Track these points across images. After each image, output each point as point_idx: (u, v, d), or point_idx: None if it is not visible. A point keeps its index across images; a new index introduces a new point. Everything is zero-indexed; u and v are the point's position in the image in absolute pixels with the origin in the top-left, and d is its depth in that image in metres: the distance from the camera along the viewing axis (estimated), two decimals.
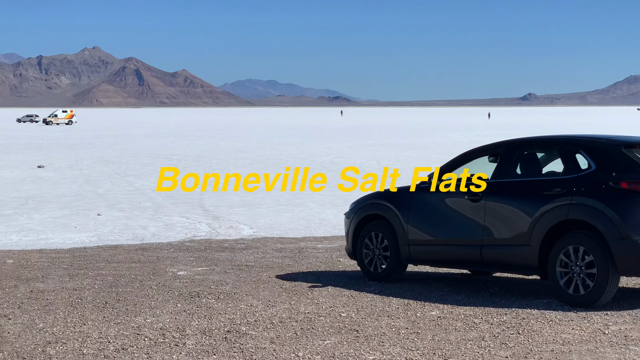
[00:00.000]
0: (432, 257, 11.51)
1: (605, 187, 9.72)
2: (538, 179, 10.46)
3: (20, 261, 14.60)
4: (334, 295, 11.15)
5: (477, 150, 11.38)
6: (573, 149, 10.34)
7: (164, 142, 71.03)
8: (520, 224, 10.30)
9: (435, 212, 11.30)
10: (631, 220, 9.49)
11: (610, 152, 10.00)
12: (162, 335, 8.91)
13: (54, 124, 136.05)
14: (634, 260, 9.52)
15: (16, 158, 50.10)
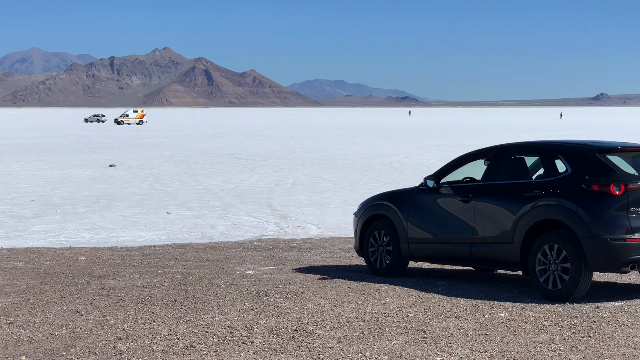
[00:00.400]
0: (429, 254, 12.40)
1: (579, 189, 10.48)
2: (520, 181, 11.23)
3: (92, 258, 14.85)
4: (401, 295, 11.11)
5: (471, 155, 12.18)
6: (553, 153, 11.12)
7: (233, 142, 71.58)
8: (505, 223, 11.10)
9: (431, 212, 12.16)
10: (600, 220, 10.26)
11: (585, 156, 10.75)
12: (230, 333, 8.97)
13: (125, 124, 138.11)
14: (602, 256, 10.29)
15: (89, 157, 50.98)
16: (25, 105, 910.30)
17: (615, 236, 10.25)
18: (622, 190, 10.32)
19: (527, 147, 12.04)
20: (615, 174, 10.50)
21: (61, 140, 78.12)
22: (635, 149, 11.08)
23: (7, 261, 14.34)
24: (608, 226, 10.26)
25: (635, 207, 10.34)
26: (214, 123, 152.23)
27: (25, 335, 8.87)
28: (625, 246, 10.24)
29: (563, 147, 11.18)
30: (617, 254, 10.25)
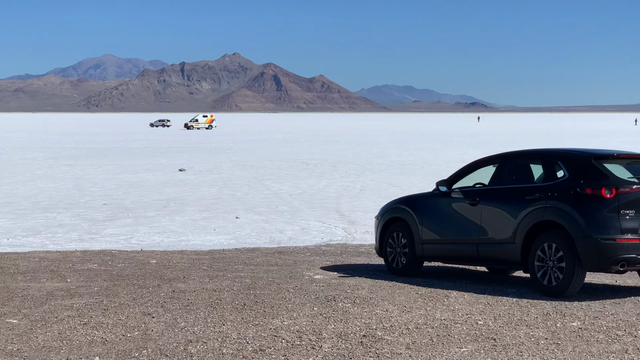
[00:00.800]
0: (440, 254, 13.15)
1: (574, 193, 11.23)
2: (522, 185, 12.01)
3: (162, 261, 15.04)
4: (471, 302, 11.03)
5: (481, 161, 13.00)
6: (553, 160, 11.90)
7: (301, 147, 71.84)
8: (508, 225, 11.87)
9: (442, 215, 12.96)
10: (593, 221, 10.98)
11: (581, 163, 11.53)
12: (299, 338, 9.00)
13: (194, 129, 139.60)
14: (594, 255, 11.00)
15: (159, 162, 51.66)
16: (99, 111, 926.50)
17: (606, 236, 10.93)
18: (613, 194, 10.99)
19: (530, 154, 12.66)
20: (607, 178, 11.18)
21: (133, 144, 79.30)
22: (629, 156, 11.91)
23: (81, 263, 14.61)
24: (599, 227, 10.96)
25: (625, 209, 10.99)
26: (282, 128, 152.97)
27: (99, 336, 9.02)
28: (615, 246, 10.92)
29: (562, 154, 11.96)
30: (608, 253, 10.93)
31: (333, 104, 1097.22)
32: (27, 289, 11.79)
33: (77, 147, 73.83)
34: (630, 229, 10.99)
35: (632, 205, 11.02)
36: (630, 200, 11.02)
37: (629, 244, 10.95)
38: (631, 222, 11.00)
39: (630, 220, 11.00)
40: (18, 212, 25.51)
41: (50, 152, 64.70)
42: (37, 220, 23.49)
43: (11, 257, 15.61)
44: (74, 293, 11.48)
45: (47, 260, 15.04)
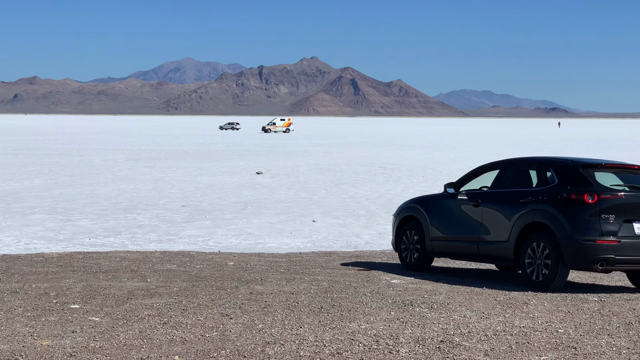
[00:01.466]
0: (446, 251, 14.22)
1: (560, 198, 12.35)
2: (518, 189, 13.15)
3: (240, 263, 15.16)
4: (550, 310, 10.86)
5: (486, 166, 14.16)
6: (546, 167, 13.02)
7: (378, 152, 71.75)
8: (504, 225, 13.01)
9: (449, 215, 14.08)
10: (575, 224, 12.08)
11: (569, 170, 12.62)
12: (376, 342, 8.98)
13: (272, 132, 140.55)
14: (576, 255, 12.10)
15: (237, 164, 52.14)
16: (178, 113, 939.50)
17: (587, 238, 12.03)
18: (595, 199, 12.08)
19: (527, 161, 13.71)
20: (591, 185, 12.26)
21: (211, 147, 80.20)
22: (617, 165, 13.00)
23: (161, 264, 14.82)
24: (581, 229, 12.07)
25: (606, 214, 12.05)
26: (359, 132, 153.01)
27: (178, 336, 9.14)
28: (595, 246, 11.99)
29: (554, 162, 13.09)
30: (588, 253, 12.01)
31: (410, 108, 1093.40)
32: (109, 287, 12.01)
33: (157, 149, 74.98)
34: (610, 232, 12.03)
35: (612, 210, 12.08)
36: (611, 206, 12.08)
37: (608, 245, 11.99)
38: (611, 225, 12.05)
39: (610, 224, 12.05)
40: (99, 212, 26.01)
41: (130, 154, 65.85)
42: (117, 220, 23.91)
43: (93, 256, 15.92)
44: (154, 293, 11.65)
45: (127, 260, 15.30)
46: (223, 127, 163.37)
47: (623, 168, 12.96)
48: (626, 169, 12.94)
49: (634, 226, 12.16)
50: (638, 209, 12.23)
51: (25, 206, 27.89)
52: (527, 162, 13.62)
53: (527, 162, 13.60)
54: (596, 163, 12.80)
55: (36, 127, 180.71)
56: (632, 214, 12.19)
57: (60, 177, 40.99)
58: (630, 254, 12.10)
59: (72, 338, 8.99)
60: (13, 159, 57.77)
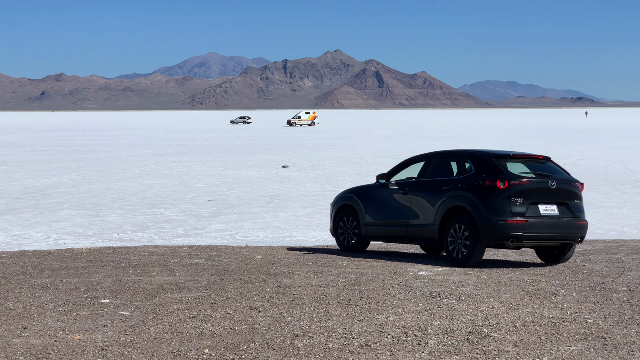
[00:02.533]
0: (379, 235, 15.74)
1: (476, 184, 14.00)
2: (441, 178, 14.67)
3: (267, 257, 15.22)
4: (579, 300, 10.83)
5: (413, 159, 15.67)
6: (464, 158, 14.58)
7: (403, 143, 71.64)
8: (429, 210, 14.58)
9: (381, 203, 15.57)
10: (489, 206, 13.75)
11: (484, 160, 14.25)
12: (405, 334, 9.00)
13: (297, 125, 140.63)
14: (490, 233, 13.73)
15: (262, 158, 52.26)
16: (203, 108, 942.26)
17: (500, 218, 13.69)
18: (505, 185, 13.76)
19: (448, 154, 15.23)
20: (502, 173, 13.92)
21: (236, 141, 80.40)
22: (524, 156, 14.64)
23: (189, 258, 14.91)
24: (494, 211, 13.74)
25: (515, 197, 13.75)
26: (384, 124, 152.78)
27: (208, 329, 9.20)
28: (506, 225, 13.68)
29: (471, 153, 14.66)
30: (500, 231, 13.70)
31: (435, 100, 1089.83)
32: (138, 282, 12.10)
33: (183, 144, 75.27)
34: (519, 213, 13.73)
35: (520, 194, 13.79)
36: (519, 190, 13.80)
37: (517, 224, 13.69)
38: (519, 207, 13.76)
39: (519, 206, 13.76)
40: (127, 207, 26.18)
41: (156, 149, 66.15)
42: (145, 215, 24.06)
43: (122, 251, 16.04)
44: (182, 287, 11.73)
45: (156, 254, 15.40)
46: (234, 121, 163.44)
47: (530, 158, 14.66)
48: (533, 159, 14.64)
49: (539, 207, 13.93)
50: (542, 193, 13.99)
51: (54, 202, 28.12)
52: (448, 154, 15.19)
53: (449, 154, 15.18)
54: (507, 154, 14.44)
55: (63, 123, 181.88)
56: (537, 197, 13.93)
57: (88, 173, 41.27)
58: (536, 231, 13.84)
59: (103, 332, 9.07)
60: (41, 155, 58.22)
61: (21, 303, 10.57)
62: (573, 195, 14.27)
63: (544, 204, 13.97)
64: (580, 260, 14.90)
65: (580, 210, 14.34)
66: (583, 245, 17.20)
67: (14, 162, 51.19)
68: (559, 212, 14.07)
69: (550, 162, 14.72)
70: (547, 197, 14.00)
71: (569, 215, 14.15)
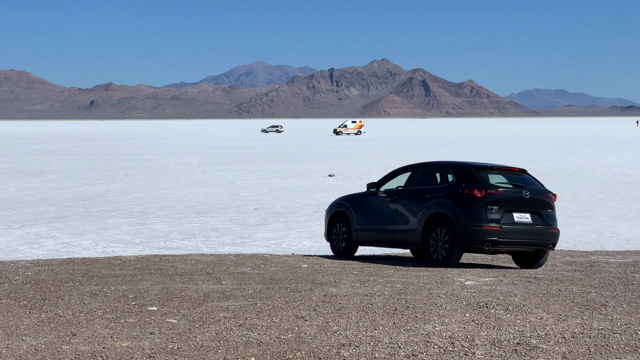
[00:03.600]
0: (369, 239, 16.78)
1: (457, 193, 15.17)
2: (425, 187, 15.86)
3: (314, 266, 15.23)
4: (629, 312, 10.67)
5: (401, 169, 16.84)
6: (447, 169, 15.77)
7: (449, 153, 71.32)
8: (414, 216, 15.70)
9: (371, 209, 16.69)
10: (467, 213, 14.92)
11: (465, 171, 15.43)
12: (452, 344, 8.94)
13: (343, 134, 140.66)
14: (467, 238, 14.91)
15: (308, 167, 52.35)
16: (249, 117, 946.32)
17: (476, 224, 14.84)
18: (483, 194, 14.93)
19: (432, 164, 16.42)
20: (480, 183, 15.08)
21: (283, 150, 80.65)
22: (501, 167, 15.82)
23: (235, 266, 14.96)
24: (472, 217, 14.88)
25: (491, 205, 14.93)
26: (430, 133, 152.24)
27: (254, 338, 9.22)
28: (482, 231, 14.84)
29: (453, 165, 15.84)
30: (477, 236, 14.85)
31: (482, 109, 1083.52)
32: (185, 290, 12.17)
33: (229, 152, 75.68)
34: (494, 220, 14.90)
35: (496, 202, 14.96)
36: (495, 199, 14.97)
37: (492, 230, 14.86)
38: (495, 214, 14.93)
39: (494, 213, 14.93)
40: (174, 216, 26.37)
41: (203, 157, 66.59)
42: (192, 224, 24.22)
43: (169, 259, 16.15)
44: (229, 295, 11.77)
45: (202, 263, 15.48)
46: (267, 130, 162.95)
47: (508, 170, 15.86)
48: (510, 171, 15.82)
49: (513, 215, 15.09)
50: (516, 202, 15.14)
51: (103, 210, 28.42)
52: (432, 165, 16.36)
53: (433, 165, 16.34)
54: (486, 166, 15.60)
55: (112, 132, 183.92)
56: (512, 205, 15.10)
57: (135, 182, 41.67)
58: (510, 237, 15.00)
59: (151, 339, 9.14)
60: (90, 164, 58.91)
61: (70, 310, 10.68)
62: (545, 204, 15.39)
63: (518, 212, 15.11)
64: (630, 271, 14.70)
65: (552, 219, 15.43)
66: (633, 256, 16.98)
67: (64, 170, 51.85)
68: (532, 220, 15.19)
69: (526, 174, 15.84)
70: (521, 206, 15.13)
71: (542, 223, 15.25)
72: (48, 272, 13.90)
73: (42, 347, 8.84)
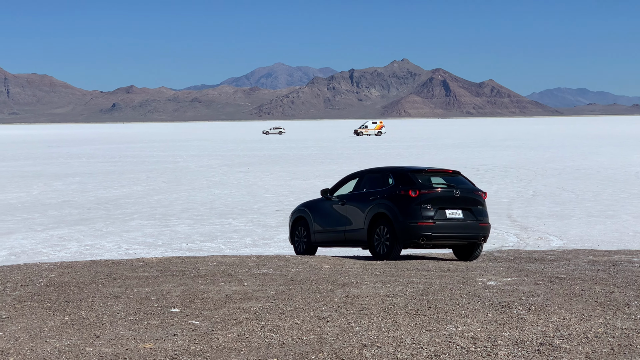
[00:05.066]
0: (324, 240, 18.27)
1: (395, 194, 16.78)
2: (369, 190, 17.44)
3: (335, 267, 15.22)
4: None
5: (350, 176, 18.50)
6: (388, 174, 17.43)
7: (471, 153, 71.10)
8: (360, 217, 17.26)
9: (325, 213, 18.22)
10: (403, 211, 16.49)
11: (402, 175, 17.10)
12: (474, 344, 8.92)
13: (364, 135, 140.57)
14: (405, 233, 16.44)
15: (329, 168, 52.34)
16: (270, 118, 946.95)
17: (412, 221, 16.40)
18: (417, 194, 16.53)
19: (377, 170, 18.01)
20: (415, 184, 16.69)
21: (304, 151, 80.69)
22: (435, 170, 17.57)
23: (257, 268, 14.99)
24: (408, 215, 16.44)
25: (425, 204, 16.48)
26: (451, 133, 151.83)
27: (276, 339, 9.24)
28: (418, 227, 16.42)
29: (392, 169, 17.57)
30: (413, 232, 16.43)
31: (503, 108, 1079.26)
32: (207, 291, 12.20)
33: (250, 154, 75.81)
34: (428, 216, 16.44)
35: (430, 201, 16.51)
36: (428, 198, 16.54)
37: (427, 225, 16.42)
38: (429, 212, 16.48)
39: (428, 211, 16.48)
40: (196, 217, 26.45)
41: (224, 159, 66.75)
42: (213, 225, 24.28)
43: (191, 261, 16.20)
44: (251, 296, 11.79)
45: (224, 264, 15.51)
46: (268, 131, 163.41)
47: (441, 172, 17.59)
48: (444, 173, 17.53)
49: (446, 212, 16.60)
50: (448, 200, 16.68)
51: (125, 212, 28.55)
52: (376, 171, 17.95)
53: (377, 171, 17.94)
54: (422, 169, 17.32)
55: (133, 135, 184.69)
56: (444, 203, 16.64)
57: (157, 184, 41.83)
58: (443, 231, 16.53)
59: (174, 341, 9.18)
60: (112, 166, 59.18)
61: (93, 312, 10.75)
62: (476, 202, 16.91)
63: (450, 209, 16.64)
64: None
65: (482, 214, 16.91)
66: None
67: (87, 173, 52.13)
68: (464, 215, 16.72)
69: (459, 175, 17.54)
70: (452, 204, 16.68)
71: (472, 219, 16.76)
72: (71, 274, 13.99)
73: (66, 349, 8.90)
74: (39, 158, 76.51)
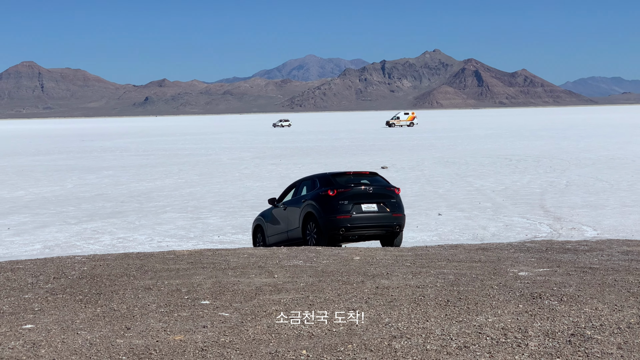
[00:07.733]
0: (276, 241, 20.11)
1: (319, 195, 18.97)
2: (301, 195, 19.72)
3: (366, 258, 15.20)
4: None
5: (291, 185, 20.71)
6: (316, 179, 19.66)
7: (503, 143, 70.70)
8: (296, 218, 19.46)
9: (273, 219, 20.40)
10: (325, 208, 18.67)
11: (325, 179, 19.39)
12: (504, 335, 8.86)
13: (396, 126, 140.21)
14: (328, 226, 18.56)
15: (362, 159, 52.26)
16: (302, 110, 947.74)
17: (332, 215, 18.61)
18: (335, 193, 18.77)
19: (309, 178, 20.13)
20: (333, 185, 19.01)
21: (336, 143, 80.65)
22: (355, 172, 19.60)
23: (287, 260, 15.00)
24: (328, 211, 18.66)
25: (342, 200, 18.66)
26: (484, 124, 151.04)
27: (305, 331, 9.24)
28: (337, 220, 18.59)
29: (319, 176, 19.80)
30: (334, 224, 18.60)
31: (536, 98, 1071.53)
32: (238, 284, 12.23)
33: (282, 146, 75.89)
34: (346, 211, 18.62)
35: (346, 198, 18.70)
36: (345, 196, 18.73)
37: (344, 219, 18.61)
38: (346, 207, 18.66)
39: (345, 206, 18.66)
40: (228, 210, 26.53)
41: (256, 151, 66.88)
42: (245, 218, 24.34)
43: (222, 253, 16.25)
44: (281, 288, 11.81)
45: (255, 256, 15.54)
46: (277, 124, 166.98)
47: (361, 174, 19.66)
48: (363, 175, 19.58)
49: (362, 206, 18.72)
50: (363, 196, 18.82)
51: (158, 205, 28.70)
52: (309, 179, 20.10)
53: (309, 178, 20.11)
54: (343, 172, 19.68)
55: (166, 128, 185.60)
56: (359, 199, 18.78)
57: (189, 177, 42.01)
58: (359, 223, 18.67)
59: (203, 333, 9.21)
60: (145, 160, 59.52)
61: (125, 304, 10.81)
62: (388, 196, 19.01)
63: (366, 204, 18.78)
64: None
65: (395, 207, 18.91)
66: None
67: (120, 166, 52.47)
68: (378, 208, 18.82)
69: (376, 175, 19.71)
70: (367, 199, 18.84)
71: (386, 211, 18.82)
72: (103, 267, 14.09)
73: (97, 341, 8.96)
74: (73, 152, 77.14)
